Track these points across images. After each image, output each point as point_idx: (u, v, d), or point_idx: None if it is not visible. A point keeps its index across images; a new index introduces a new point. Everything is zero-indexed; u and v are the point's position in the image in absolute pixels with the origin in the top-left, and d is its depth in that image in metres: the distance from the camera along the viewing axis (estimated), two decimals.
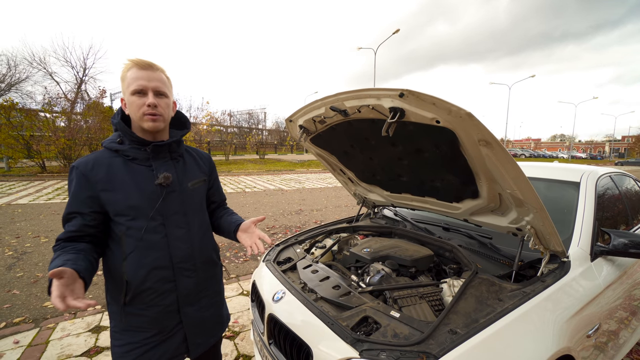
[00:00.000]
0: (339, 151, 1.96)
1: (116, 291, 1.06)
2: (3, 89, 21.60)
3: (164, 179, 1.07)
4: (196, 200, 1.20)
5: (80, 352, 2.18)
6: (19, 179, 11.26)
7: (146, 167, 1.08)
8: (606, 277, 1.50)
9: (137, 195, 1.04)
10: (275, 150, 41.38)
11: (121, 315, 1.06)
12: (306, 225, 5.92)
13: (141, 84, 1.01)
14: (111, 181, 1.02)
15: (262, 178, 14.34)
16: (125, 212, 1.03)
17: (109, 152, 1.07)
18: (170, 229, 1.09)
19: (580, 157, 50.69)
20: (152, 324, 1.08)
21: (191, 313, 1.15)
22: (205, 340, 1.22)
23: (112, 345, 1.11)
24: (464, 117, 1.04)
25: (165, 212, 1.09)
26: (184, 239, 1.12)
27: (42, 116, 13.77)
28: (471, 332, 1.00)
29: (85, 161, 1.03)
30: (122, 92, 1.07)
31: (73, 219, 1.01)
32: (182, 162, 1.18)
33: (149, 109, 1.02)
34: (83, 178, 1.01)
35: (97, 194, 1.01)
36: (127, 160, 1.06)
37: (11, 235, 4.84)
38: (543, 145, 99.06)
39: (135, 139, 1.07)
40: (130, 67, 1.03)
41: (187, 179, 1.17)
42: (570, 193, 1.82)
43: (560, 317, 1.18)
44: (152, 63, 1.05)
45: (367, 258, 1.58)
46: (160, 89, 1.05)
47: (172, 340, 1.12)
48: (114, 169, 1.04)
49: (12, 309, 2.77)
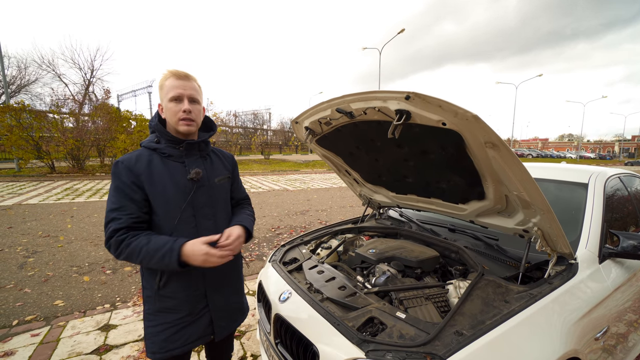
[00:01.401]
0: (345, 152, 1.97)
1: (151, 277, 1.18)
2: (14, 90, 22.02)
3: (195, 174, 1.20)
4: (222, 194, 1.33)
5: (90, 350, 2.22)
6: (29, 179, 11.46)
7: (180, 163, 1.21)
8: (615, 280, 1.48)
9: (172, 188, 1.17)
10: (280, 151, 41.51)
11: (155, 298, 1.19)
12: (311, 225, 5.93)
13: (178, 92, 1.15)
14: (151, 174, 1.15)
15: (267, 178, 14.40)
16: (163, 203, 1.15)
17: (148, 150, 1.20)
18: (199, 219, 1.22)
19: (588, 157, 49.93)
20: (182, 306, 1.20)
21: (216, 298, 1.28)
22: (228, 325, 1.35)
23: (145, 327, 1.24)
24: (471, 119, 1.04)
25: (196, 205, 1.21)
26: (211, 229, 1.24)
27: (50, 117, 14.00)
28: (477, 333, 1.00)
29: (129, 157, 1.16)
30: (160, 98, 1.21)
31: (127, 207, 1.10)
32: (209, 160, 1.31)
33: (184, 114, 1.16)
34: (129, 171, 1.12)
35: (143, 185, 1.13)
36: (163, 157, 1.20)
37: (22, 234, 4.94)
38: (550, 145, 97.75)
39: (171, 139, 1.20)
40: (169, 76, 1.16)
41: (214, 175, 1.30)
42: (578, 194, 1.80)
43: (567, 319, 1.18)
44: (187, 73, 1.19)
45: (373, 259, 1.58)
46: (194, 97, 1.19)
47: (200, 322, 1.24)
48: (153, 164, 1.17)
49: (23, 307, 2.83)
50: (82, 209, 6.81)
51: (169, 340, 1.19)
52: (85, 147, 14.10)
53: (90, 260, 3.97)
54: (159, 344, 1.19)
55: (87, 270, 3.65)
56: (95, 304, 2.91)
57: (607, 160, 47.65)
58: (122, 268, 3.74)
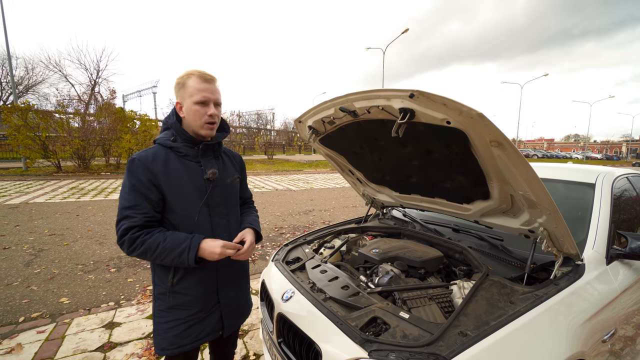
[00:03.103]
0: (348, 152, 1.96)
1: (164, 274, 1.19)
2: (21, 91, 22.30)
3: (212, 175, 1.21)
4: (233, 194, 1.36)
5: (94, 347, 2.24)
6: (36, 178, 11.60)
7: (195, 162, 1.22)
8: (623, 281, 1.46)
9: (189, 188, 1.18)
10: (284, 151, 41.58)
11: (169, 295, 1.19)
12: (314, 225, 5.93)
13: (206, 96, 1.14)
14: (168, 173, 1.15)
15: (270, 178, 14.42)
16: (181, 201, 1.16)
17: (163, 148, 1.19)
18: (214, 218, 1.24)
19: (595, 158, 49.32)
20: (195, 302, 1.22)
21: (227, 294, 1.30)
22: (236, 320, 1.37)
23: (155, 323, 1.24)
24: (475, 117, 1.03)
25: (211, 204, 1.23)
26: (225, 227, 1.28)
27: (57, 117, 14.16)
28: (482, 334, 0.99)
29: (145, 155, 1.14)
30: (180, 97, 1.18)
31: (141, 206, 1.10)
32: (222, 160, 1.34)
33: (210, 118, 1.16)
34: (146, 169, 1.11)
35: (159, 183, 1.13)
36: (179, 156, 1.19)
37: (29, 232, 5.00)
38: (556, 145, 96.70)
39: (187, 138, 1.20)
40: (194, 76, 1.14)
41: (227, 175, 1.32)
42: (585, 195, 1.78)
43: (574, 321, 1.16)
44: (213, 76, 1.18)
45: (376, 259, 1.58)
46: (219, 101, 1.21)
47: (211, 318, 1.26)
48: (170, 163, 1.16)
49: (30, 304, 2.86)
50: (88, 207, 6.87)
51: (180, 336, 1.20)
52: (91, 147, 14.25)
53: (95, 258, 4.01)
54: (169, 339, 1.20)
55: (92, 269, 3.68)
56: (99, 301, 2.94)
57: (614, 160, 47.02)
58: (127, 266, 3.77)
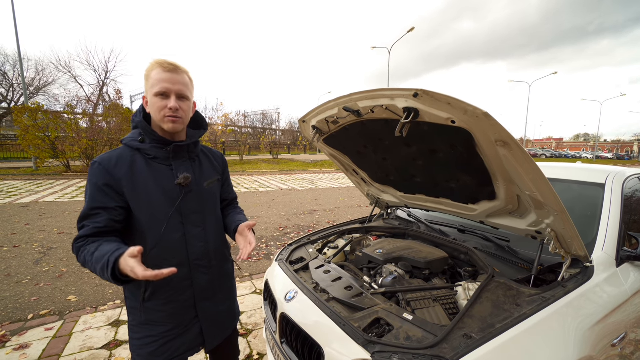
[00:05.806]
0: (352, 151, 1.95)
1: (135, 287, 1.08)
2: (32, 92, 22.72)
3: (184, 179, 1.09)
4: (211, 199, 1.23)
5: (100, 345, 2.27)
6: (46, 178, 11.81)
7: (166, 166, 1.10)
8: (633, 284, 1.42)
9: (158, 194, 1.06)
10: (289, 151, 41.64)
11: (140, 310, 1.09)
12: (319, 225, 5.93)
13: (165, 86, 1.02)
14: (134, 178, 1.04)
15: (275, 178, 14.45)
16: (147, 209, 1.05)
17: (130, 149, 1.08)
18: (188, 227, 1.12)
19: (605, 158, 48.40)
20: (169, 318, 1.12)
21: (207, 307, 1.19)
22: (220, 333, 1.27)
23: (130, 338, 1.16)
24: (481, 117, 1.01)
25: (184, 211, 1.11)
26: (200, 237, 1.16)
27: (66, 118, 14.39)
28: (487, 337, 0.98)
29: (108, 157, 1.03)
30: (145, 90, 1.08)
31: (98, 215, 0.99)
32: (198, 162, 1.21)
33: (170, 111, 1.03)
34: (107, 174, 1.01)
35: (122, 190, 1.02)
36: (147, 158, 1.08)
37: (39, 231, 5.09)
38: (565, 145, 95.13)
39: (156, 139, 1.08)
40: (155, 67, 1.03)
41: (203, 178, 1.19)
42: (594, 195, 1.74)
43: (582, 324, 1.13)
44: (177, 65, 1.05)
45: (380, 259, 1.56)
46: (183, 93, 1.05)
47: (189, 333, 1.16)
48: (136, 167, 1.05)
49: (38, 301, 2.91)
50: None
51: (155, 353, 1.10)
52: (99, 147, 14.44)
53: None
54: (145, 357, 1.11)
55: None
56: (106, 300, 2.97)
57: (625, 160, 46.09)
58: None
